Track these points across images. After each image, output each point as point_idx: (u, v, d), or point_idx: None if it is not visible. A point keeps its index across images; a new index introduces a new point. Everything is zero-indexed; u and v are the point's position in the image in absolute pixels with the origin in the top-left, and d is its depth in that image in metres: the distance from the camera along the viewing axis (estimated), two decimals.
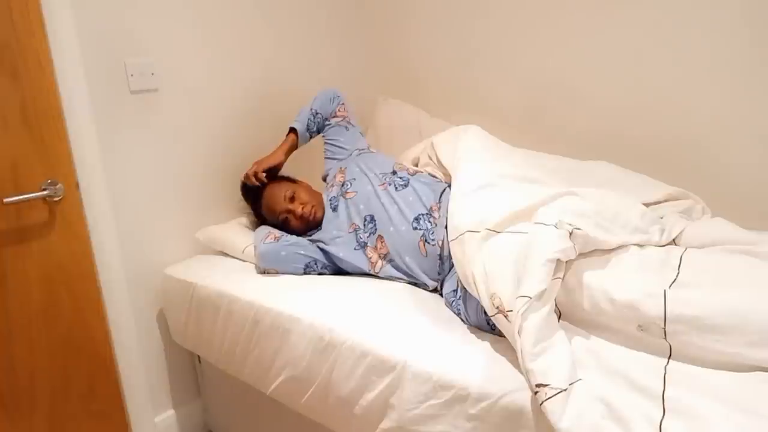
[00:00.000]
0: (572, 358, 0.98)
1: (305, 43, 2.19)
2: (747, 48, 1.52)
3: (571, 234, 1.09)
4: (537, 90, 1.93)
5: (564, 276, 1.09)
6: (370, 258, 1.59)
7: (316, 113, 1.89)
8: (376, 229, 1.59)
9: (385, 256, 1.57)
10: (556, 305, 1.10)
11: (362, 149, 1.87)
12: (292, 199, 1.74)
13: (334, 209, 1.71)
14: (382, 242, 1.58)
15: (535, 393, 0.91)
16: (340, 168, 1.81)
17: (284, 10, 2.10)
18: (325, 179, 1.90)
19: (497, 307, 1.08)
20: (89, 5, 1.57)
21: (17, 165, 1.47)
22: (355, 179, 1.72)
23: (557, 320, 1.09)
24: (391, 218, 1.57)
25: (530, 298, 0.98)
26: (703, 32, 1.57)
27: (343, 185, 1.73)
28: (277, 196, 1.75)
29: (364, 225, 1.62)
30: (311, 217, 1.72)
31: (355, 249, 1.62)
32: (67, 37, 1.52)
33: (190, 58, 1.82)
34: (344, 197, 1.70)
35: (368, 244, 1.61)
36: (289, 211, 1.73)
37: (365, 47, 2.37)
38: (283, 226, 1.74)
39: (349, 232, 1.64)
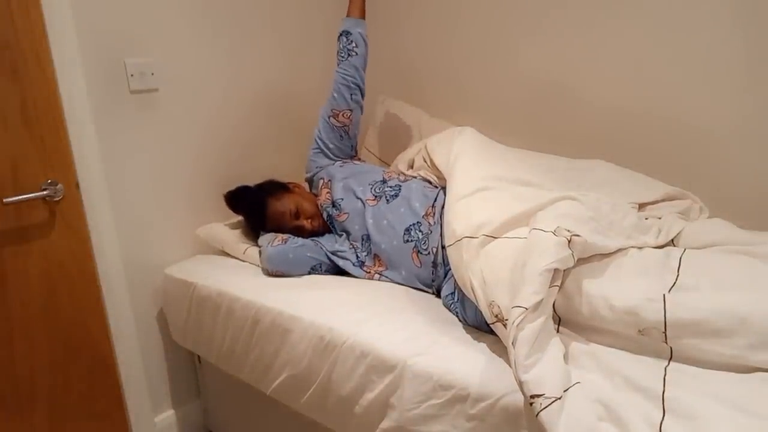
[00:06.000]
0: (565, 364, 0.97)
1: (305, 42, 2.19)
2: (746, 48, 1.52)
3: (569, 241, 1.08)
4: (536, 89, 1.93)
5: (563, 283, 1.09)
6: (368, 272, 1.61)
7: (339, 71, 1.81)
8: (371, 249, 1.61)
9: (381, 273, 1.59)
10: (554, 311, 1.10)
11: (346, 161, 1.84)
12: (297, 215, 1.74)
13: (333, 229, 1.72)
14: (379, 260, 1.60)
15: (531, 404, 0.91)
16: (323, 180, 1.79)
17: (284, 10, 2.10)
18: (309, 184, 1.88)
19: (496, 316, 1.08)
20: (89, 5, 1.56)
21: (17, 165, 1.47)
22: (343, 199, 1.70)
23: (555, 327, 1.08)
24: (383, 236, 1.58)
25: (526, 308, 0.98)
26: (702, 32, 1.57)
27: (333, 205, 1.72)
28: (283, 214, 1.74)
29: (362, 244, 1.63)
30: (319, 229, 1.75)
31: (353, 265, 1.63)
32: (67, 37, 1.52)
33: (190, 58, 1.82)
34: (338, 220, 1.69)
35: (366, 263, 1.63)
36: (298, 227, 1.73)
37: None
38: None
39: (349, 249, 1.66)
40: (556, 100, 1.89)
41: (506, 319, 1.03)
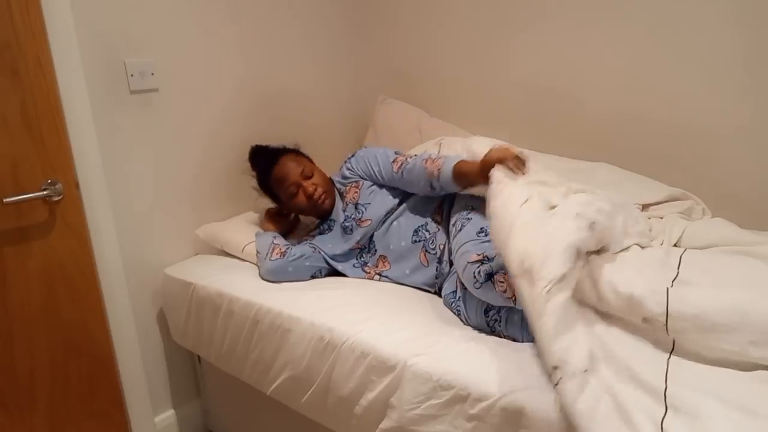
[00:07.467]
0: (590, 345, 0.98)
1: (305, 43, 2.19)
2: (746, 48, 1.52)
3: (592, 224, 1.10)
4: (537, 90, 1.93)
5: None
6: (368, 272, 1.62)
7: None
8: (376, 250, 1.61)
9: (381, 273, 1.59)
10: None
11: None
12: (307, 177, 1.71)
13: (350, 232, 1.66)
14: (384, 261, 1.60)
15: (553, 371, 0.92)
16: (357, 182, 1.73)
17: (284, 10, 2.09)
18: (342, 176, 1.80)
19: (526, 269, 1.04)
20: (89, 5, 1.56)
21: (17, 165, 1.47)
22: (369, 203, 1.66)
23: (576, 307, 1.09)
24: (392, 237, 1.59)
25: (552, 280, 0.99)
26: (703, 33, 1.57)
27: (356, 207, 1.68)
28: (294, 168, 1.71)
29: (369, 245, 1.64)
30: (320, 202, 1.69)
31: (354, 266, 1.64)
32: (67, 37, 1.51)
33: (190, 58, 1.82)
34: (359, 224, 1.65)
35: (368, 263, 1.63)
36: (300, 186, 1.70)
37: (365, 47, 2.37)
38: (288, 200, 1.72)
39: (352, 249, 1.66)
40: (557, 102, 1.89)
41: (537, 277, 1.01)
